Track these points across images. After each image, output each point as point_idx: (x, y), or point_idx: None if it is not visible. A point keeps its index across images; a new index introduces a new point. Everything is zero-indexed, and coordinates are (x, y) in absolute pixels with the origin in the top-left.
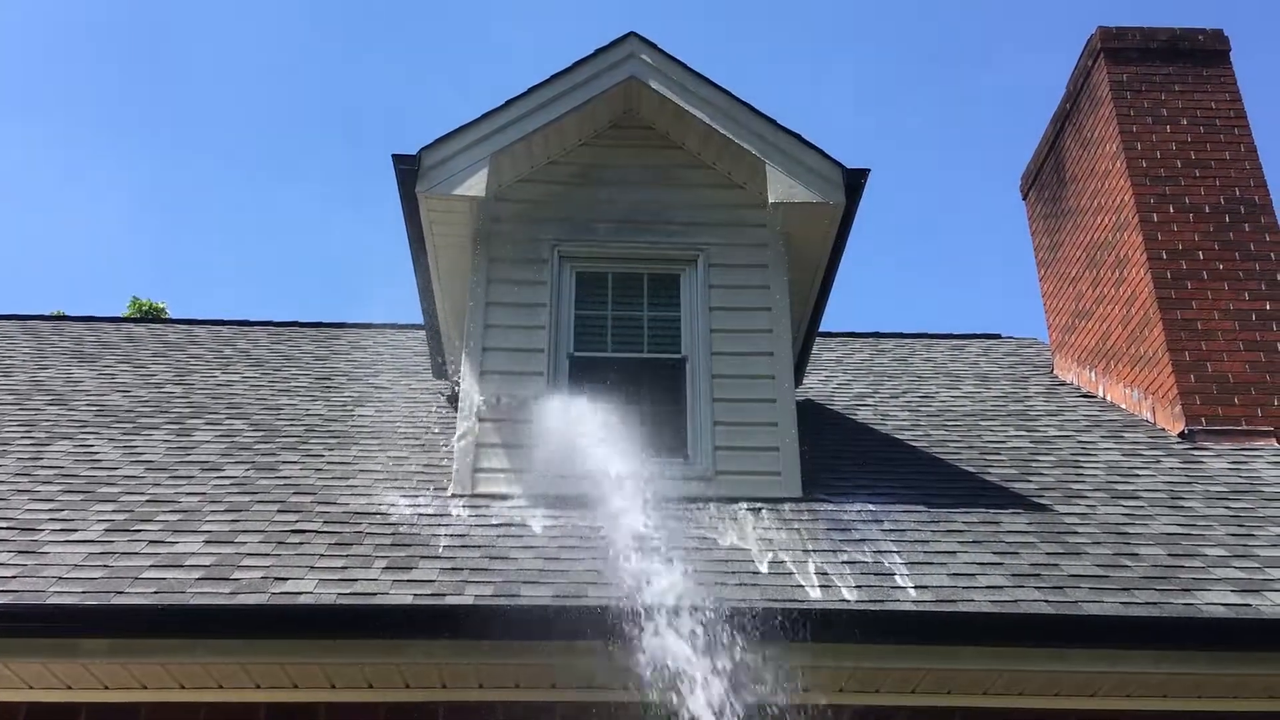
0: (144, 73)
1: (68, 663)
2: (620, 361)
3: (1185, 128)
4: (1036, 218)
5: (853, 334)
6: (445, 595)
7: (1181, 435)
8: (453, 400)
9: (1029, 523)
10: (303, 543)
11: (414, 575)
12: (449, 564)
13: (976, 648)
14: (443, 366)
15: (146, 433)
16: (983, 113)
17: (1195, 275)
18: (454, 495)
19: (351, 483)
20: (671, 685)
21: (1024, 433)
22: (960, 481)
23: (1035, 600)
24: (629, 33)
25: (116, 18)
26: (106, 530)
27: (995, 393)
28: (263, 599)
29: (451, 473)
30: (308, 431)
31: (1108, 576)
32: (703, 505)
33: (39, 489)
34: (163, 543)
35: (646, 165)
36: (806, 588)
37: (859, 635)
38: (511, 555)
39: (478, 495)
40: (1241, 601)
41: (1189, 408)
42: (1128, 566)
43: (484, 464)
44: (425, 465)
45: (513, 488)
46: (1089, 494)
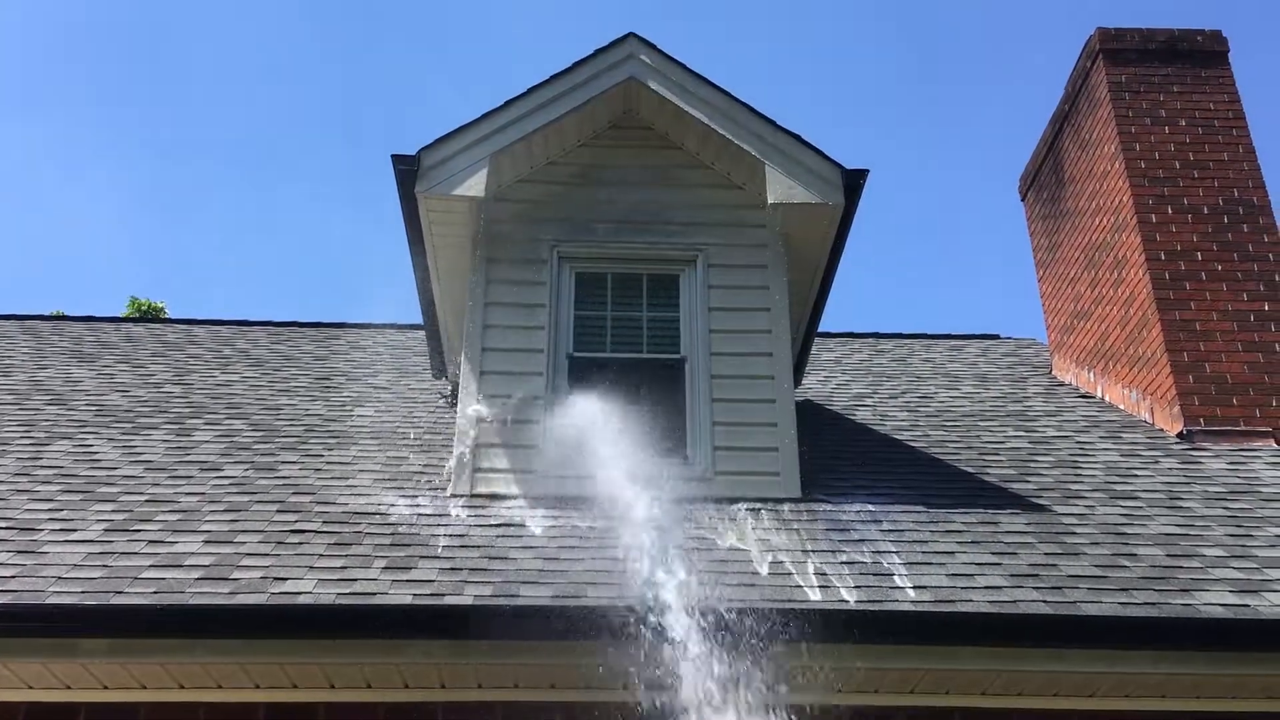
0: (143, 72)
1: (67, 662)
2: (619, 362)
3: (1184, 129)
4: (1035, 218)
5: (852, 334)
6: (444, 595)
7: (1180, 436)
8: (452, 400)
9: (1027, 523)
10: (302, 543)
11: (413, 575)
12: (448, 564)
13: (975, 648)
14: (442, 366)
15: (146, 433)
16: (981, 113)
17: (1194, 276)
18: (453, 495)
19: (351, 483)
20: (671, 686)
21: (1023, 433)
22: (959, 482)
23: (1034, 600)
24: (628, 33)
25: (115, 17)
26: (106, 530)
27: (994, 393)
28: (262, 599)
29: (450, 473)
30: (307, 431)
31: (1106, 577)
32: (702, 505)
33: (38, 489)
34: (162, 543)
35: (646, 166)
36: (805, 588)
37: (858, 635)
38: (511, 555)
39: (477, 495)
40: (1240, 602)
41: (1187, 408)
42: (1126, 567)
43: (483, 464)
44: (424, 465)
45: (512, 488)
46: (1087, 494)
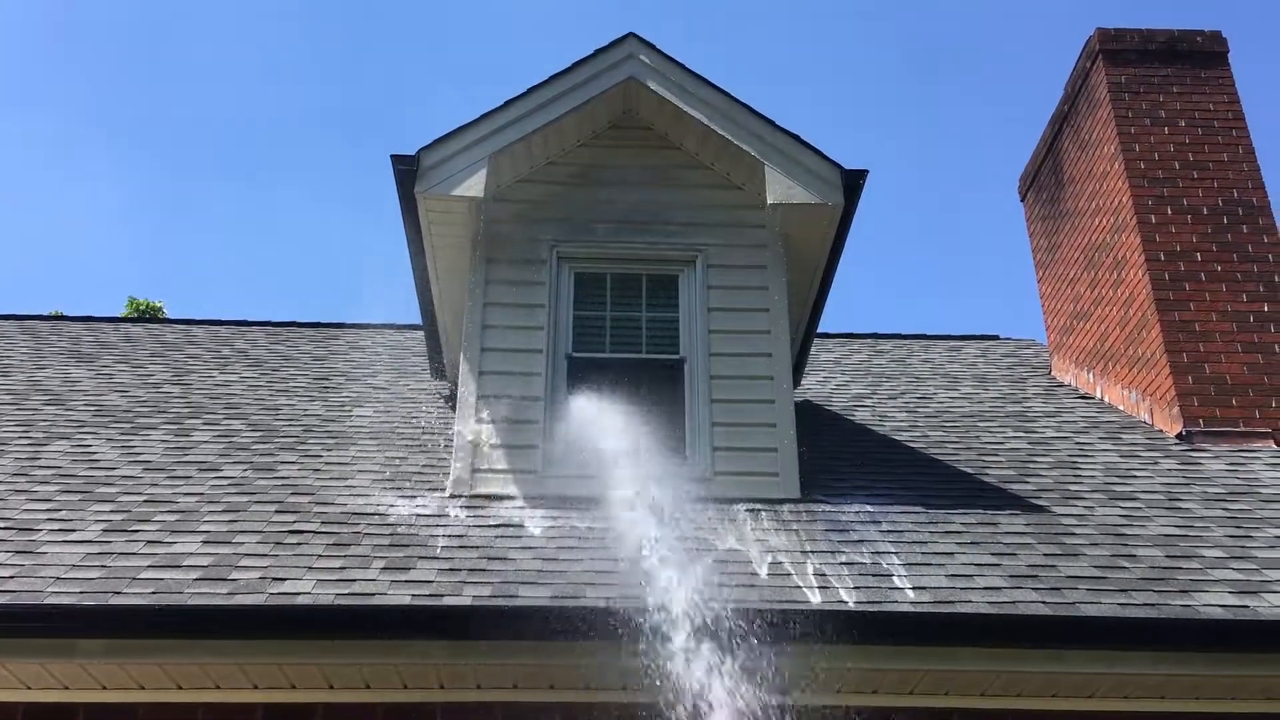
0: (142, 71)
1: (65, 663)
2: (619, 362)
3: (1183, 129)
4: (1035, 219)
5: (851, 335)
6: (443, 596)
7: (1179, 437)
8: (451, 400)
9: (1027, 524)
10: (301, 543)
11: (412, 576)
12: (447, 565)
13: (974, 649)
14: (441, 367)
15: (144, 433)
16: (981, 113)
17: (1193, 277)
18: (452, 496)
19: (349, 483)
20: (670, 687)
21: (1022, 434)
22: (958, 482)
23: (1033, 601)
24: (628, 33)
25: (114, 16)
26: (104, 530)
27: (993, 394)
28: (260, 599)
29: (449, 473)
30: (306, 432)
31: (1105, 578)
32: (701, 506)
33: (37, 489)
34: (160, 543)
35: (645, 166)
36: (805, 589)
37: (857, 636)
38: (509, 556)
39: (476, 496)
40: (1239, 603)
41: (1187, 409)
42: (1125, 568)
43: (482, 465)
44: (423, 466)
45: (511, 488)
46: (1087, 495)
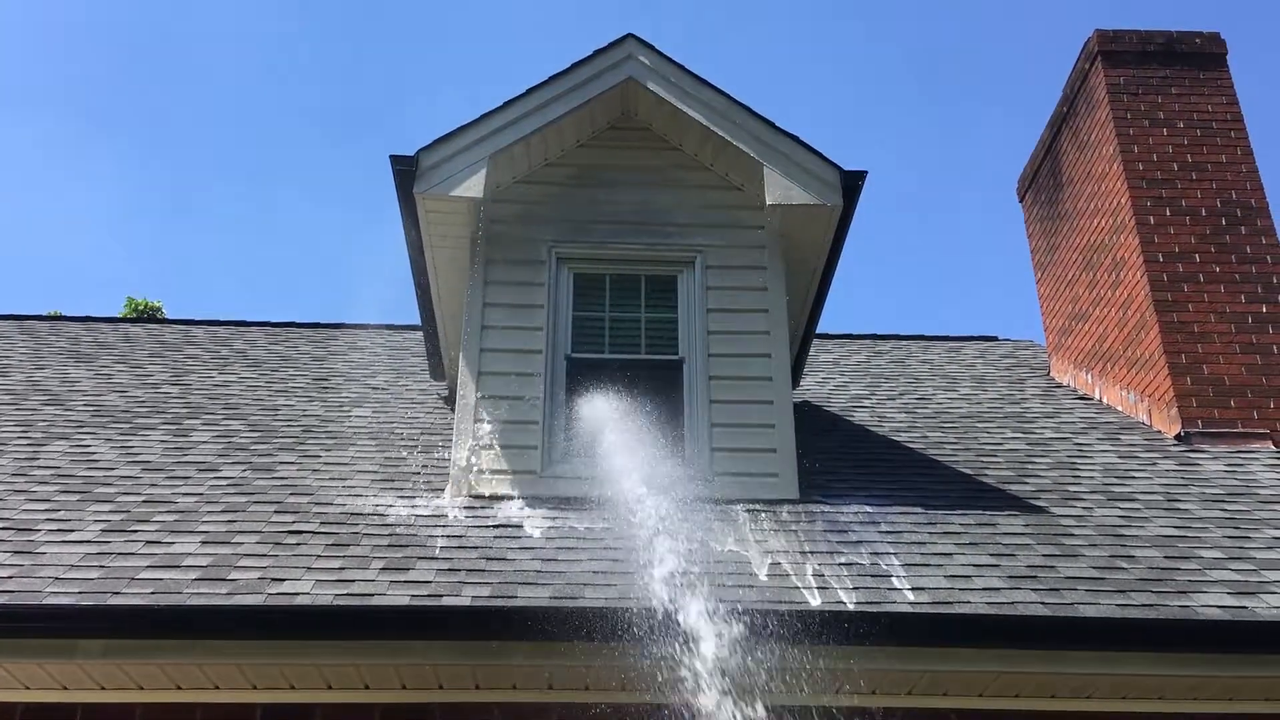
0: (141, 71)
1: (64, 663)
2: (618, 363)
3: (1182, 130)
4: (1033, 220)
5: (850, 336)
6: (442, 596)
7: (1178, 438)
8: (450, 401)
9: (1025, 525)
10: (300, 544)
11: (411, 576)
12: (446, 565)
13: (973, 649)
14: (440, 367)
15: (143, 433)
16: (980, 114)
17: (1192, 278)
18: (451, 496)
19: (349, 484)
20: (668, 688)
21: (1021, 435)
22: (957, 483)
23: (1032, 602)
24: (627, 34)
25: (113, 16)
26: (103, 531)
27: (992, 395)
28: (259, 600)
29: (448, 474)
30: (305, 432)
31: (1104, 579)
32: (700, 506)
33: (35, 489)
34: (159, 543)
35: (644, 167)
36: (804, 590)
37: (856, 637)
38: (508, 556)
39: (474, 496)
40: (1238, 604)
41: (1185, 410)
42: (1124, 569)
43: (481, 465)
44: (422, 466)
45: (509, 489)
46: (1085, 496)
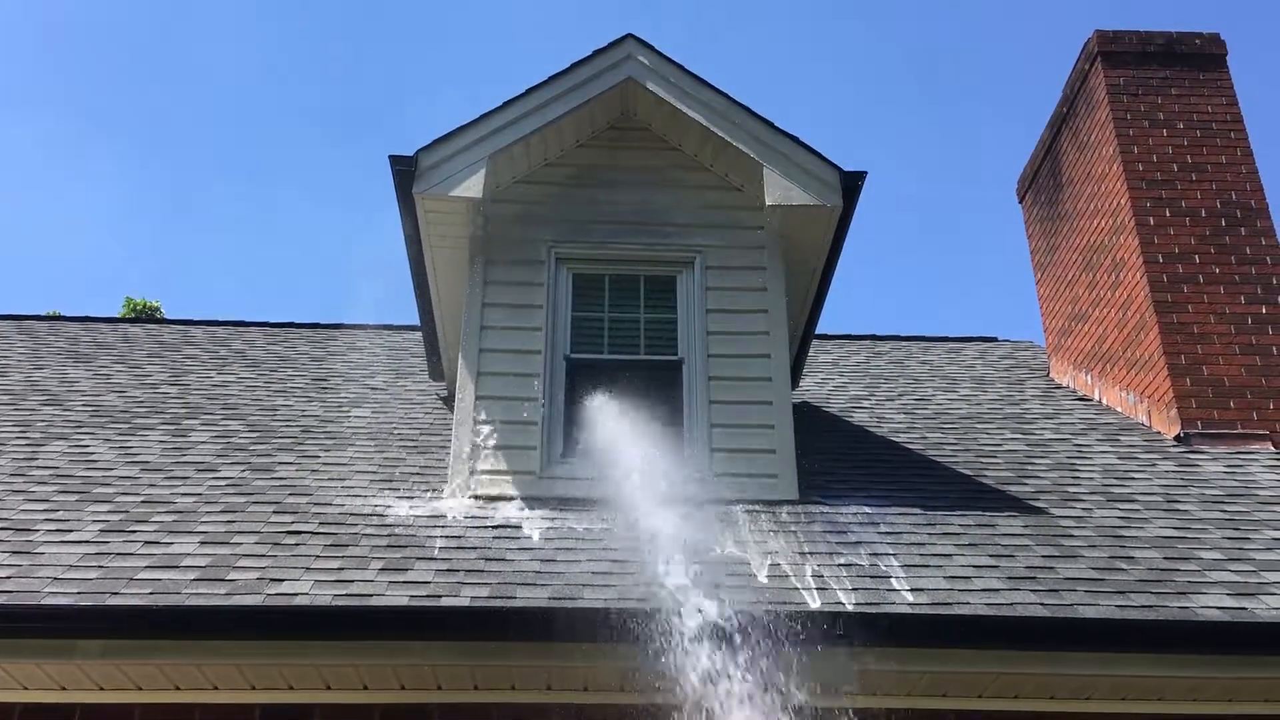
0: (141, 71)
1: (62, 663)
2: (617, 363)
3: (1182, 131)
4: (1033, 221)
5: (849, 336)
6: (441, 597)
7: (1177, 439)
8: (448, 401)
9: (1025, 525)
10: (298, 544)
11: (410, 577)
12: (445, 565)
13: (972, 650)
14: (439, 367)
15: (142, 433)
16: (979, 115)
17: (1191, 279)
18: (450, 497)
19: (347, 484)
20: (667, 689)
21: (1020, 436)
22: (956, 484)
23: (1031, 603)
24: (626, 34)
25: (112, 16)
26: (102, 531)
27: (991, 396)
28: (258, 600)
29: (447, 474)
30: (304, 432)
31: (1103, 580)
32: (699, 507)
33: (34, 489)
34: (158, 543)
35: (644, 167)
36: (803, 591)
37: (855, 638)
38: (507, 557)
39: (474, 497)
40: (1237, 605)
41: (1185, 411)
42: (1123, 570)
43: (480, 466)
44: (421, 467)
45: (508, 490)
46: (1085, 497)
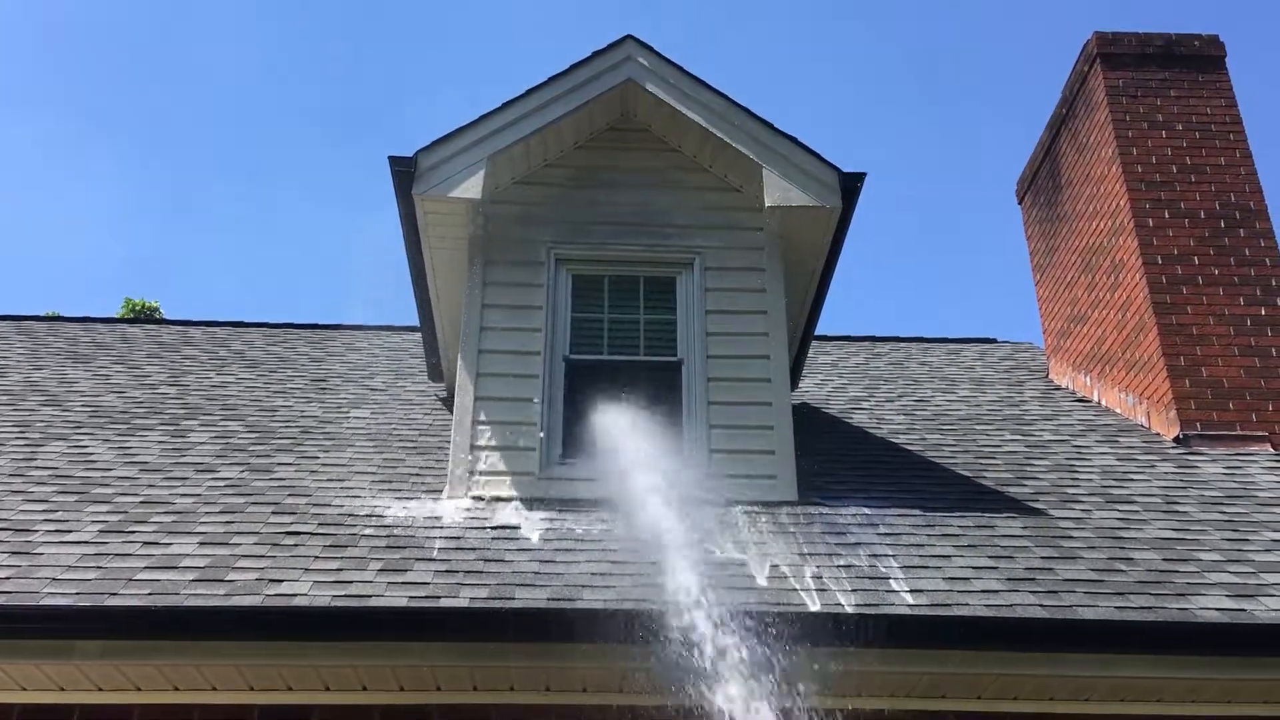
0: (141, 71)
1: (61, 664)
2: (616, 364)
3: (1181, 133)
4: (1032, 222)
5: (848, 338)
6: (440, 598)
7: (1176, 440)
8: (448, 402)
9: (1024, 527)
10: (297, 545)
11: (409, 578)
12: (444, 566)
13: (971, 652)
14: (438, 368)
15: (141, 434)
16: (979, 116)
17: (1190, 280)
18: (449, 498)
19: (346, 485)
20: (666, 690)
21: (1019, 437)
22: (955, 486)
23: (1030, 605)
24: (626, 35)
25: (111, 16)
26: (100, 531)
27: (990, 397)
28: (257, 601)
29: (446, 475)
30: (303, 433)
31: (1102, 581)
32: (698, 508)
33: (33, 490)
34: (157, 544)
35: (643, 168)
36: (802, 592)
37: (854, 639)
38: (506, 558)
39: (473, 498)
40: (1236, 606)
41: (1184, 412)
42: (1122, 571)
43: (479, 467)
44: (420, 468)
45: (507, 490)
46: (1084, 498)
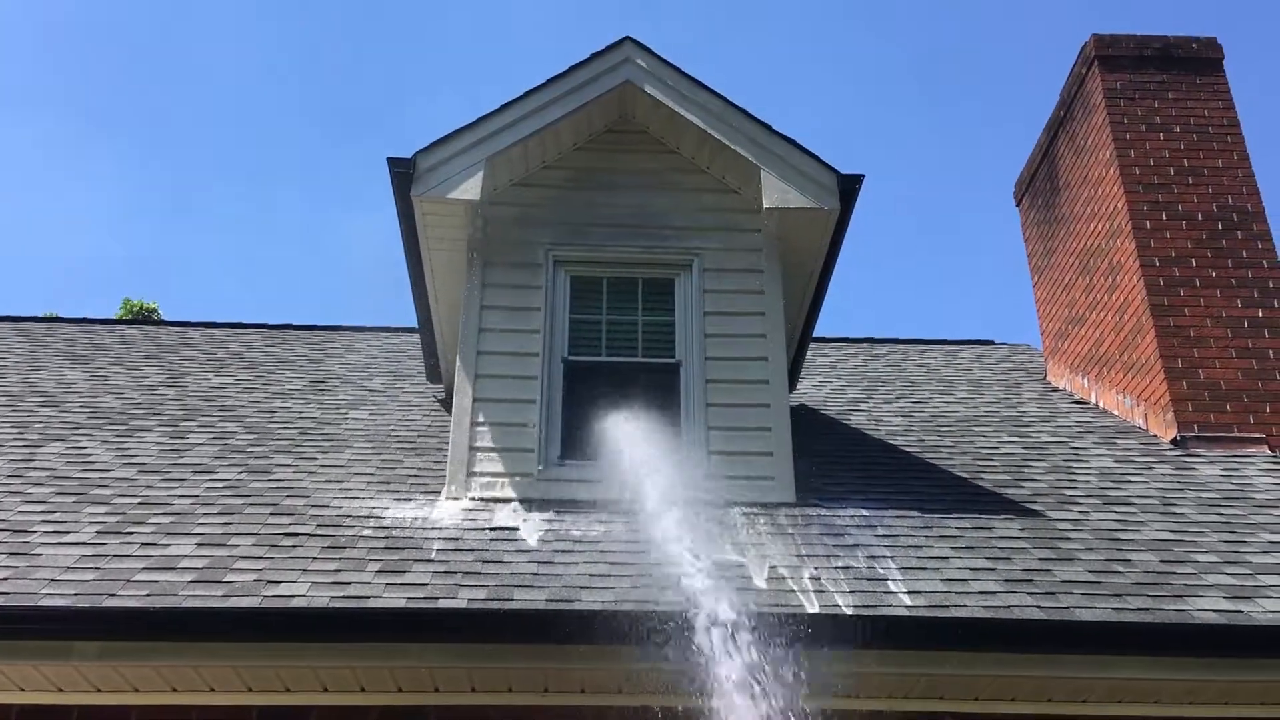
0: (141, 71)
1: (59, 665)
2: (615, 366)
3: (1178, 135)
4: (1030, 224)
5: (847, 339)
6: (438, 599)
7: (1174, 442)
8: (446, 404)
9: (1022, 528)
10: (295, 546)
11: (407, 579)
12: (442, 567)
13: (969, 653)
14: (436, 370)
15: (139, 435)
16: (977, 118)
17: (1187, 282)
18: (447, 499)
19: (345, 486)
20: (664, 691)
21: (1017, 439)
22: (953, 487)
23: (1027, 606)
24: (624, 37)
25: (114, 16)
26: (99, 532)
27: (988, 399)
28: (255, 602)
29: (445, 476)
30: (301, 434)
31: (1100, 582)
32: (696, 510)
33: (31, 490)
34: (155, 545)
35: (641, 170)
36: (800, 594)
37: (852, 641)
38: (504, 559)
39: (471, 499)
40: (1233, 608)
41: (1181, 414)
42: (1120, 573)
43: (477, 468)
44: (419, 469)
45: (506, 492)
46: (1081, 500)
